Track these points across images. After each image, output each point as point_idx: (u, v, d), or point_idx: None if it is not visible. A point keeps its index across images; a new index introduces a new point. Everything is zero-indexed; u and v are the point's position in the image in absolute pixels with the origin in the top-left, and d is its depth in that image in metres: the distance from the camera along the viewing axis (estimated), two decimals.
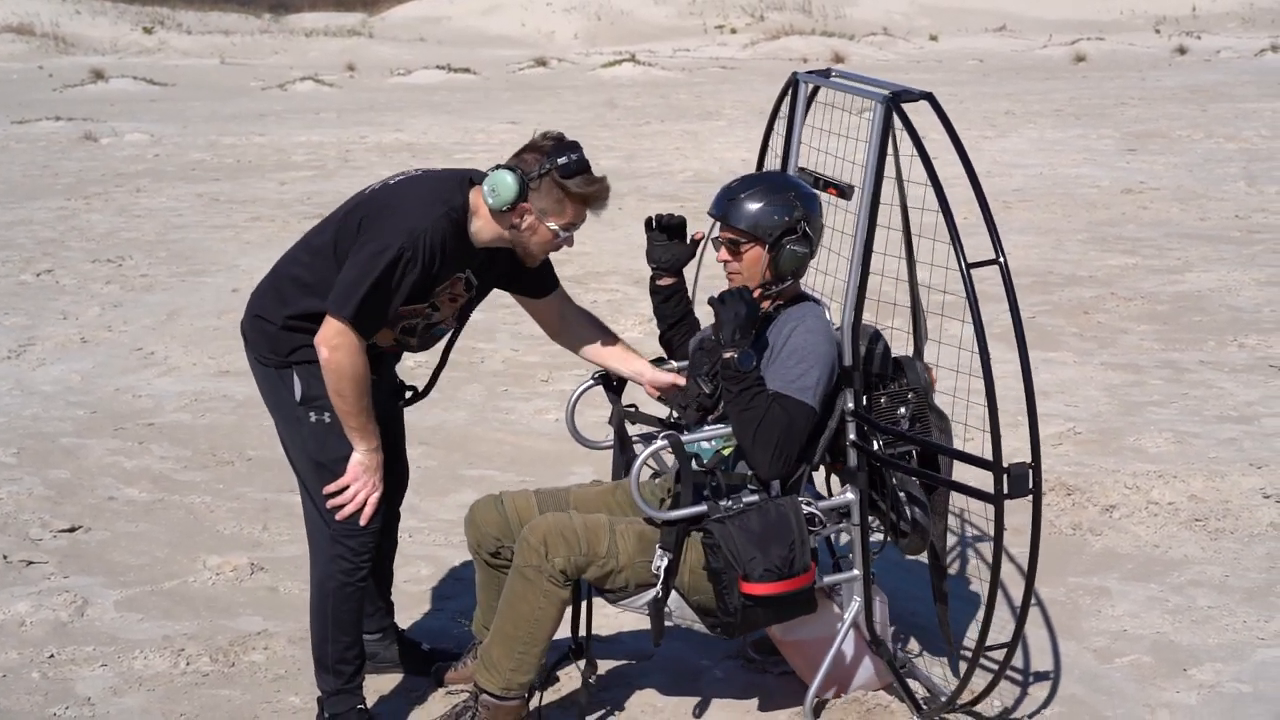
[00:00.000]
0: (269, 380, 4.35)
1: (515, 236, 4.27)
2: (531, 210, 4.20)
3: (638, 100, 27.66)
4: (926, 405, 4.49)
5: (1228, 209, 14.36)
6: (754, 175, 4.60)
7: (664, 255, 4.81)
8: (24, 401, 8.29)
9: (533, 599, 4.23)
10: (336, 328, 4.09)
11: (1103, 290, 10.86)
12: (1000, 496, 4.04)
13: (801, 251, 4.39)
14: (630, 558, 4.25)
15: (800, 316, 4.41)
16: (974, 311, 4.01)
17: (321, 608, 4.39)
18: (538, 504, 4.58)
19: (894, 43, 44.31)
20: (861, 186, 4.34)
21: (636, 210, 14.47)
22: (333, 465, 4.28)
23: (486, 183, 4.18)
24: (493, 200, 4.16)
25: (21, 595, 5.59)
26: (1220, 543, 6.10)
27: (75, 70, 36.29)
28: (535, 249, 4.33)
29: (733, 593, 4.16)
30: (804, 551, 4.19)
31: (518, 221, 4.22)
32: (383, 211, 4.18)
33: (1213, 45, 39.82)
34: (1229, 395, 8.21)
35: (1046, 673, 5.01)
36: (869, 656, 4.68)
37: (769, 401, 4.23)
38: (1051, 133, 20.64)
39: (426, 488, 6.85)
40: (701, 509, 4.22)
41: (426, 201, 4.18)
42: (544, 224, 4.23)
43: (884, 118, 4.27)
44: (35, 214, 14.76)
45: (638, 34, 50.62)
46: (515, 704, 4.34)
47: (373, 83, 34.04)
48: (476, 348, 9.40)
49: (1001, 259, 4.07)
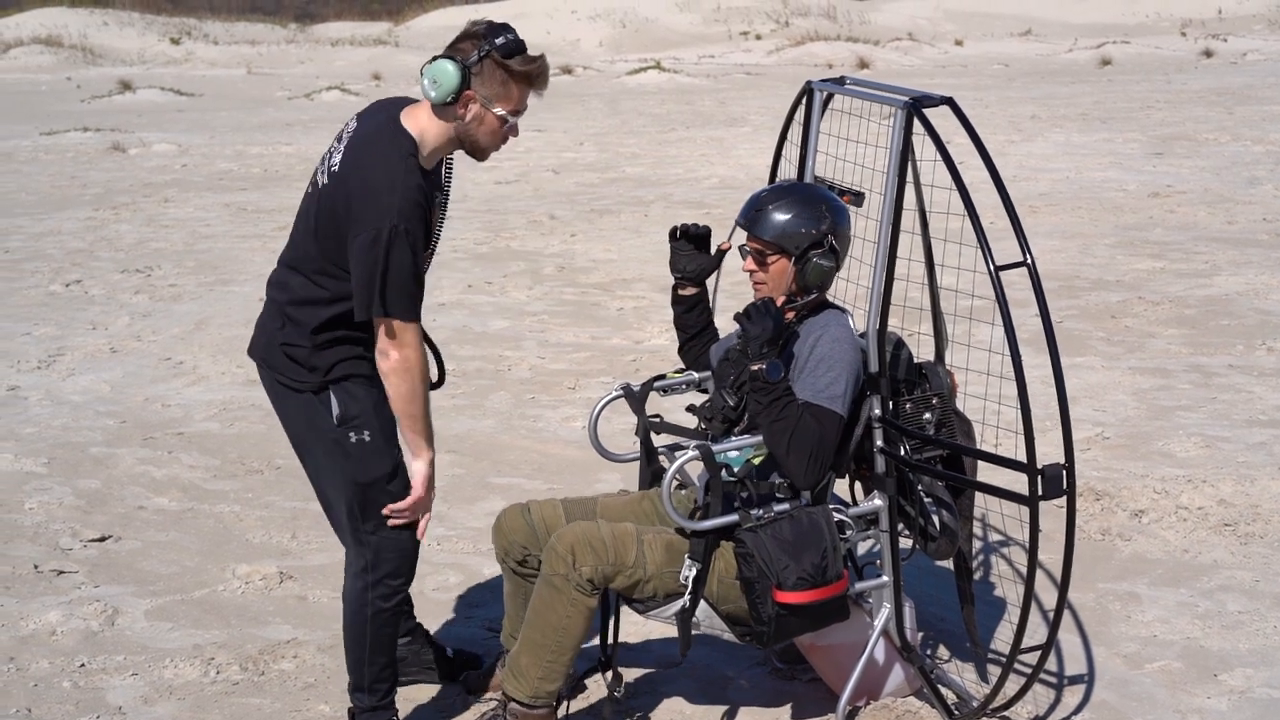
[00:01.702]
0: (303, 407, 4.24)
1: (462, 131, 4.14)
2: (476, 98, 4.08)
3: (663, 107, 27.68)
4: (950, 410, 4.49)
5: (1255, 212, 14.30)
6: (784, 185, 4.59)
7: (688, 265, 4.79)
8: (54, 411, 8.33)
9: (560, 607, 4.23)
10: (393, 326, 4.04)
11: (1130, 294, 10.83)
12: (1035, 498, 4.04)
13: (828, 265, 4.38)
14: (658, 567, 4.26)
15: (824, 325, 4.40)
16: (1004, 313, 4.00)
17: (360, 632, 4.34)
18: (565, 513, 4.59)
19: (919, 48, 44.24)
20: (883, 193, 4.34)
21: (662, 218, 14.49)
22: (376, 485, 4.21)
23: (425, 77, 4.04)
24: (435, 93, 4.03)
25: (52, 605, 5.62)
26: (1250, 547, 6.07)
27: (103, 81, 36.46)
28: (484, 140, 4.19)
29: (766, 602, 4.16)
30: (836, 559, 4.19)
31: (463, 113, 4.10)
32: (352, 199, 4.04)
33: (1239, 48, 39.66)
34: (1258, 399, 8.18)
35: (1076, 678, 4.99)
36: (898, 663, 4.67)
37: (800, 411, 4.23)
38: (1077, 137, 20.58)
39: (454, 496, 6.87)
40: (733, 518, 4.23)
41: (385, 165, 4.04)
42: (490, 111, 4.11)
43: (905, 124, 4.27)
44: (64, 225, 14.82)
45: (663, 41, 50.60)
46: (543, 713, 4.34)
47: (398, 91, 34.04)
48: (503, 355, 9.42)
49: (1029, 260, 4.07)
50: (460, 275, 11.99)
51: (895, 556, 4.50)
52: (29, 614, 5.53)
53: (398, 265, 3.99)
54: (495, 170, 18.55)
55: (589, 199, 16.20)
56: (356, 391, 4.19)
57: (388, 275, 3.98)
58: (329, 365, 4.19)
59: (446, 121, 4.12)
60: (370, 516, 4.24)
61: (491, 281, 11.75)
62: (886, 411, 4.39)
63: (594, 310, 10.67)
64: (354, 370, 4.19)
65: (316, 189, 4.23)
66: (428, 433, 4.20)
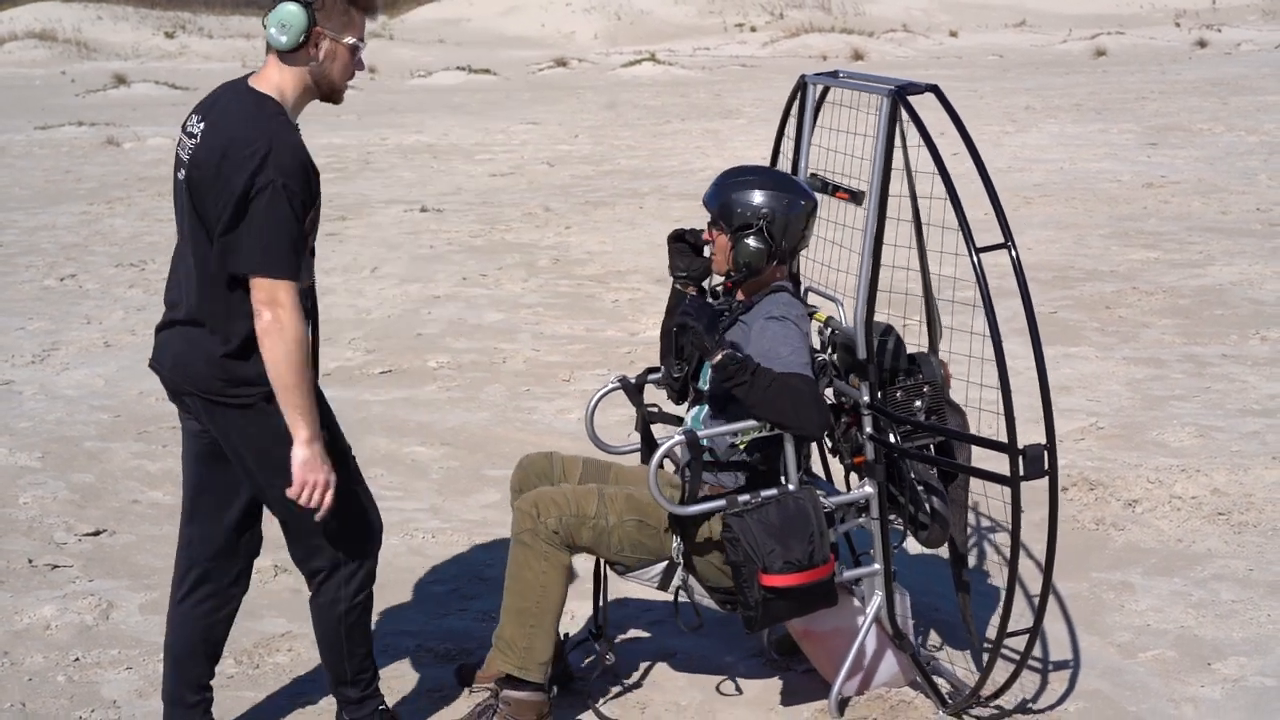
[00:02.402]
0: (254, 420, 4.02)
1: (317, 73, 4.02)
2: (325, 33, 3.97)
3: (658, 100, 27.66)
4: (943, 399, 4.51)
5: (1249, 202, 14.30)
6: (748, 167, 4.67)
7: (686, 264, 4.82)
8: (48, 406, 8.33)
9: (535, 564, 4.32)
10: (265, 285, 3.84)
11: (1124, 285, 10.83)
12: (1017, 479, 4.06)
13: (755, 247, 4.43)
14: (620, 516, 4.35)
15: (768, 309, 4.44)
16: (984, 295, 4.03)
17: (337, 631, 4.30)
18: (584, 466, 4.74)
19: (913, 39, 44.19)
20: (870, 181, 4.38)
21: (657, 210, 14.49)
22: (345, 484, 4.12)
23: (271, 25, 3.93)
24: (286, 37, 3.93)
25: (47, 599, 5.62)
26: (1244, 536, 6.08)
27: (97, 75, 36.39)
28: (339, 76, 4.06)
29: (753, 586, 4.20)
30: (823, 544, 4.23)
31: (315, 53, 3.98)
32: (224, 164, 3.85)
33: (1233, 38, 39.63)
34: (1251, 388, 8.19)
35: (1070, 668, 5.01)
36: (892, 652, 4.68)
37: (778, 374, 4.24)
38: (1072, 127, 20.57)
39: (449, 488, 6.88)
40: (720, 504, 4.28)
41: (253, 124, 3.90)
42: (340, 42, 4.01)
43: (890, 112, 4.33)
44: (59, 219, 14.81)
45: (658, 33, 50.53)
46: (537, 696, 4.37)
47: (393, 84, 34.04)
48: (498, 348, 9.43)
49: (1011, 244, 4.10)
50: (455, 268, 11.99)
51: (886, 544, 4.53)
52: (23, 608, 5.53)
53: (274, 219, 3.84)
54: (490, 163, 18.56)
55: (584, 191, 16.19)
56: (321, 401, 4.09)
57: (262, 229, 3.83)
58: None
59: (299, 67, 4.01)
60: (333, 514, 4.10)
61: (486, 274, 11.74)
62: (875, 398, 4.41)
63: (589, 302, 10.67)
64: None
65: (183, 188, 4.03)
66: (307, 408, 3.92)
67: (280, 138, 3.89)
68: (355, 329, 10.02)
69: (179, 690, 4.38)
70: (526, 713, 4.39)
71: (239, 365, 3.99)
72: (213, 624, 4.36)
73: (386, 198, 15.96)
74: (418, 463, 7.30)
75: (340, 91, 4.12)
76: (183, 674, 4.37)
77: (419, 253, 12.77)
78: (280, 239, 3.84)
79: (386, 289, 11.31)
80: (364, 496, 4.29)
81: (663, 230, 4.96)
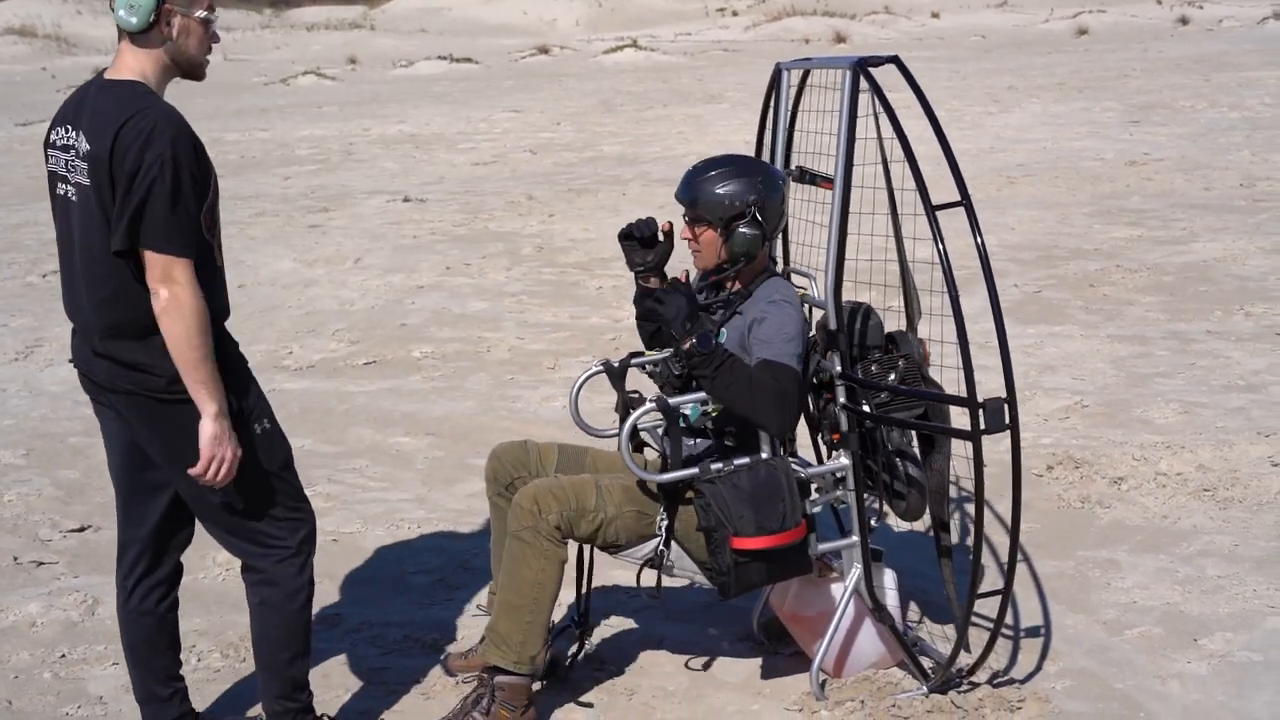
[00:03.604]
0: (187, 413, 3.89)
1: (174, 51, 3.93)
2: (174, 9, 3.88)
3: (640, 86, 27.63)
4: (921, 376, 4.52)
5: (1232, 178, 14.32)
6: (717, 158, 4.66)
7: (642, 258, 4.80)
8: (32, 403, 8.31)
9: (534, 561, 4.32)
10: (160, 262, 3.75)
11: (1108, 263, 10.84)
12: (978, 432, 4.07)
13: (752, 234, 4.45)
14: (619, 507, 4.39)
15: (768, 294, 4.48)
16: (942, 255, 4.08)
17: (293, 627, 4.24)
18: (559, 453, 4.74)
19: (895, 21, 44.24)
20: (836, 153, 4.40)
21: (640, 196, 14.48)
22: (282, 471, 4.09)
23: (120, 7, 3.85)
24: (136, 18, 3.84)
25: (32, 596, 5.61)
26: (1229, 512, 6.09)
27: (78, 71, 36.32)
28: (196, 51, 4.00)
29: (724, 551, 4.26)
30: (794, 509, 4.28)
31: (168, 30, 3.90)
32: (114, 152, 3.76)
33: (1215, 14, 39.73)
34: (1236, 364, 8.20)
35: (1057, 645, 5.01)
36: (878, 633, 4.68)
37: (747, 369, 4.27)
38: (1055, 107, 20.59)
39: (434, 478, 6.87)
40: (693, 471, 4.31)
41: (131, 107, 3.81)
42: (192, 17, 3.93)
43: (852, 83, 4.38)
44: (40, 215, 14.75)
45: (639, 19, 50.54)
46: (526, 680, 4.40)
47: (375, 75, 34.04)
48: (482, 337, 9.41)
49: (968, 202, 4.15)
50: (438, 257, 11.97)
51: (862, 515, 4.54)
52: (9, 605, 5.51)
53: (165, 194, 3.74)
54: (472, 152, 18.53)
55: (567, 179, 16.17)
56: (237, 380, 4.01)
57: (154, 204, 3.74)
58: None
59: (154, 48, 3.94)
60: (283, 500, 4.11)
61: (469, 263, 11.73)
62: (847, 369, 4.42)
63: (573, 290, 10.65)
64: (231, 365, 3.98)
65: (73, 203, 3.94)
66: (212, 382, 3.83)
67: (162, 113, 3.81)
68: (339, 320, 10.00)
69: (150, 687, 4.37)
70: (517, 697, 4.41)
71: (166, 360, 3.87)
72: (163, 616, 4.34)
73: (369, 188, 15.94)
74: (403, 453, 7.29)
75: (200, 66, 4.05)
76: (149, 671, 4.36)
77: (402, 243, 12.75)
78: (170, 214, 3.75)
79: (370, 280, 11.29)
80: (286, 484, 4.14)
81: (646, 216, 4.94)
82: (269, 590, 4.21)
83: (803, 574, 4.45)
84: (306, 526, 4.20)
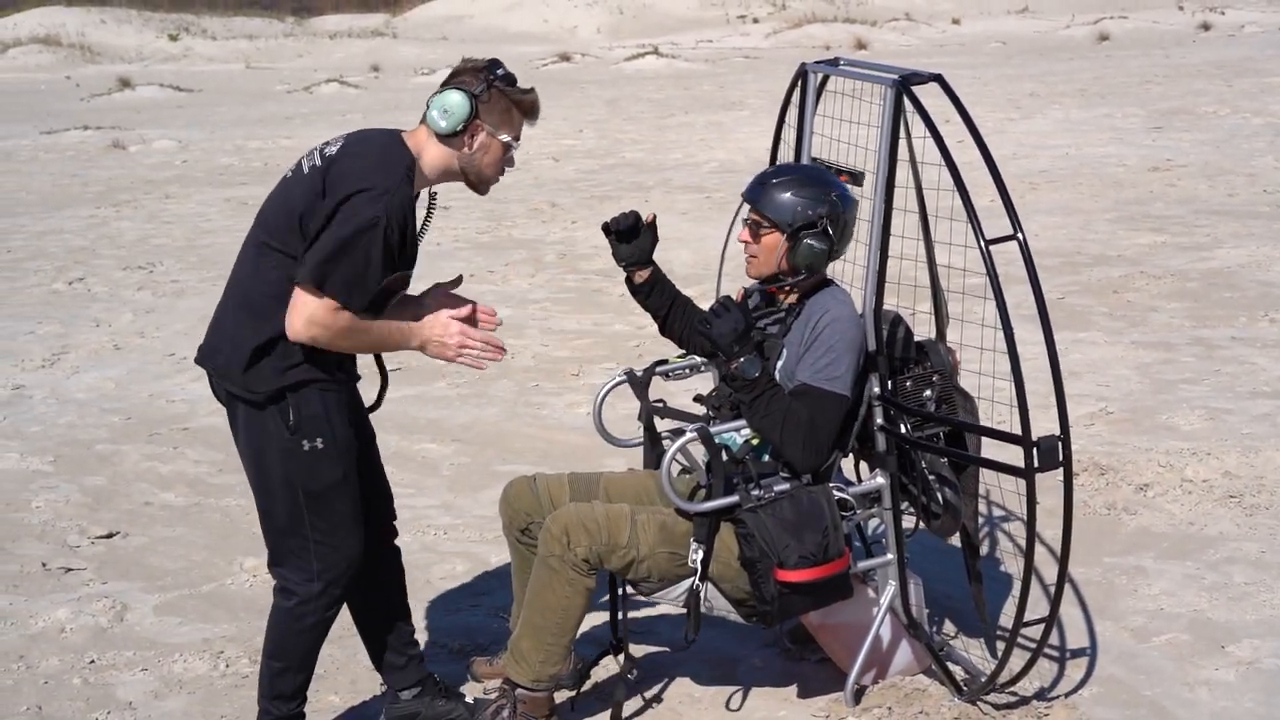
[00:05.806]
0: (258, 417, 4.09)
1: (466, 161, 4.15)
2: (483, 127, 4.10)
3: (661, 93, 27.64)
4: (952, 387, 4.49)
5: (1256, 184, 14.28)
6: (794, 165, 4.64)
7: (629, 253, 4.79)
8: (59, 410, 8.35)
9: (558, 588, 4.27)
10: (317, 303, 3.93)
11: (1132, 269, 10.82)
12: (1031, 470, 4.05)
13: (819, 248, 4.38)
14: (651, 548, 4.28)
15: (825, 306, 4.41)
16: (995, 287, 4.00)
17: (296, 643, 4.27)
18: (570, 487, 4.63)
19: (916, 28, 44.15)
20: (875, 172, 4.36)
21: (663, 203, 14.48)
22: (326, 493, 4.14)
23: (434, 108, 4.05)
24: (445, 123, 4.05)
25: (61, 602, 5.64)
26: (1256, 519, 6.08)
27: (102, 79, 36.41)
28: (488, 169, 4.19)
29: (769, 581, 4.19)
30: (838, 537, 4.21)
31: (469, 142, 4.11)
32: (346, 176, 3.98)
33: (1237, 20, 39.56)
34: (1261, 371, 8.18)
35: (1084, 653, 5.00)
36: (906, 640, 4.68)
37: (786, 401, 4.25)
38: (1076, 113, 20.55)
39: (461, 484, 6.89)
40: (734, 499, 4.25)
41: (385, 161, 4.03)
42: (496, 138, 4.13)
43: (895, 101, 4.30)
44: (66, 223, 14.83)
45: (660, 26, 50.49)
46: (545, 696, 4.39)
47: (397, 83, 34.04)
48: (507, 344, 9.40)
49: (1020, 235, 4.07)
50: (461, 264, 11.98)
51: (899, 534, 4.51)
52: (38, 612, 5.54)
53: (362, 248, 3.91)
54: None
55: (589, 186, 16.19)
56: (310, 398, 4.09)
57: (353, 258, 3.91)
58: (287, 367, 4.07)
59: (449, 149, 4.13)
60: (319, 524, 4.15)
61: (493, 270, 11.75)
62: (886, 389, 4.39)
63: (596, 297, 10.67)
64: (308, 376, 4.08)
65: (298, 173, 4.14)
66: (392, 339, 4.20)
67: (401, 189, 4.01)
68: None
69: (390, 657, 4.56)
70: (538, 708, 4.40)
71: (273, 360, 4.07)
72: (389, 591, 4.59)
73: None
74: (428, 460, 7.31)
75: (488, 183, 4.25)
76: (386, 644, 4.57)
77: (426, 249, 12.66)
78: (358, 268, 3.94)
79: None
80: (326, 508, 4.18)
81: (669, 223, 4.95)
82: (282, 598, 4.28)
83: (844, 599, 4.36)
84: (337, 559, 4.21)
